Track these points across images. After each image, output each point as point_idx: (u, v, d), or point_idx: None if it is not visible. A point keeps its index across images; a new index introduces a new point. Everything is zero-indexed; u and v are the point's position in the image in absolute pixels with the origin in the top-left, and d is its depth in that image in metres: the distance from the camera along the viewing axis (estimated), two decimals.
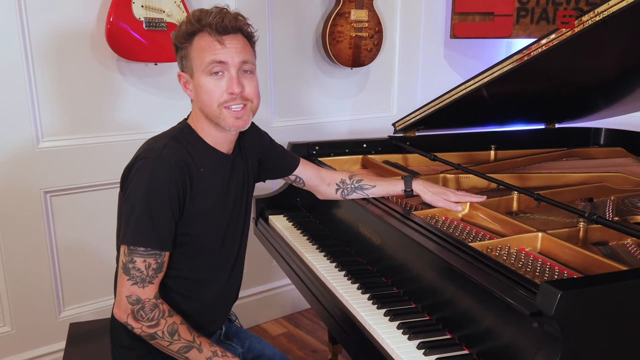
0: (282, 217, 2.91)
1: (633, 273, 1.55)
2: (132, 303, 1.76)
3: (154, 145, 1.84)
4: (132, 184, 1.79)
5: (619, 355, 1.45)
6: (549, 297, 1.33)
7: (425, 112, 2.88)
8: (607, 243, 2.02)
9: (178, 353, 1.82)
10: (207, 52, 1.81)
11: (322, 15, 3.84)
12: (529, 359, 1.42)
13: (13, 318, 3.04)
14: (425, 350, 1.68)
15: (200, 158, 1.89)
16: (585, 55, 2.40)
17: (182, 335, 1.80)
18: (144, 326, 1.78)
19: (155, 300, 1.79)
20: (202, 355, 1.83)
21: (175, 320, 1.81)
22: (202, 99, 1.85)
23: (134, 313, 1.77)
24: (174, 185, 1.79)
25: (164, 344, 1.80)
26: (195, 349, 1.82)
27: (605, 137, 3.40)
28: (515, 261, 1.84)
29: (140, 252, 1.76)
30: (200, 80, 1.83)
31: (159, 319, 1.78)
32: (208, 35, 1.81)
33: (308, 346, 3.72)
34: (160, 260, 1.79)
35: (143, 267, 1.76)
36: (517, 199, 2.40)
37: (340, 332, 2.05)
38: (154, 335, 1.79)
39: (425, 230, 1.97)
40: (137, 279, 1.76)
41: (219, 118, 1.86)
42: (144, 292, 1.77)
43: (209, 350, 1.84)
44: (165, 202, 1.78)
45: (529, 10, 4.09)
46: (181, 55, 1.88)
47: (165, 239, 1.80)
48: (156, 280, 1.80)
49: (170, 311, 1.81)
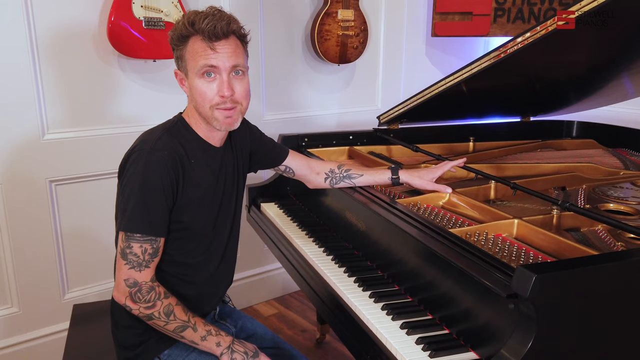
0: (274, 205, 2.90)
1: (603, 257, 1.55)
2: (130, 286, 1.76)
3: (149, 138, 1.84)
4: (129, 175, 1.78)
5: (589, 334, 1.45)
6: (525, 280, 1.33)
7: (407, 105, 2.88)
8: (579, 229, 2.02)
9: (174, 332, 1.81)
10: (200, 57, 1.79)
11: (311, 14, 3.83)
12: (505, 338, 1.41)
13: (20, 299, 3.02)
14: (408, 330, 1.67)
15: (192, 150, 1.88)
16: (558, 53, 2.39)
17: (177, 315, 1.80)
18: (141, 307, 1.77)
19: (152, 283, 1.78)
20: (197, 334, 1.82)
21: (171, 301, 1.80)
22: (196, 99, 1.84)
23: (131, 295, 1.76)
24: (167, 175, 1.78)
25: (160, 323, 1.79)
26: (190, 328, 1.81)
27: (577, 129, 3.41)
28: (493, 246, 1.84)
29: (136, 238, 1.75)
30: (194, 81, 1.82)
31: (155, 300, 1.77)
32: (201, 41, 1.78)
33: (297, 326, 3.71)
34: (156, 246, 1.79)
35: (139, 252, 1.76)
36: (494, 187, 2.39)
37: (328, 312, 2.04)
38: (150, 315, 1.78)
39: (408, 217, 1.96)
40: (134, 263, 1.75)
41: (211, 118, 1.85)
42: (140, 276, 1.76)
43: (204, 329, 1.84)
44: (159, 191, 1.77)
45: (505, 10, 4.09)
46: (177, 56, 1.87)
47: (160, 226, 1.80)
48: (152, 264, 1.79)
49: (166, 293, 1.81)
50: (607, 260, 1.49)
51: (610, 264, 1.46)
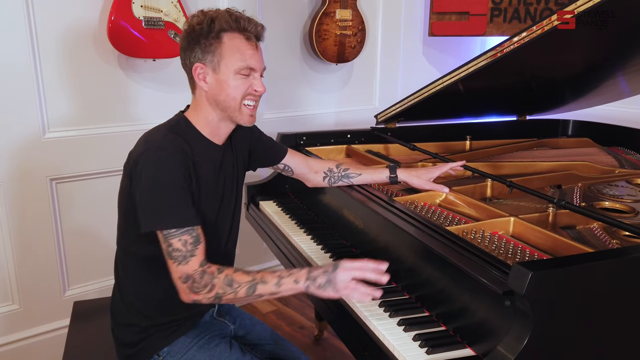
0: (272, 203, 2.90)
1: (599, 255, 1.56)
2: (184, 281, 1.72)
3: (154, 137, 1.82)
4: (143, 177, 1.74)
5: (585, 331, 1.45)
6: (521, 277, 1.33)
7: (405, 104, 2.88)
8: (574, 227, 2.02)
9: (249, 297, 1.75)
10: (244, 56, 1.82)
11: (309, 14, 3.83)
12: (502, 335, 1.41)
13: (21, 297, 3.02)
14: (405, 327, 1.67)
15: (196, 148, 1.87)
16: (554, 53, 2.39)
17: (239, 280, 1.73)
18: (204, 295, 1.73)
19: (201, 267, 1.74)
20: (269, 285, 1.74)
21: (227, 272, 1.74)
22: (227, 92, 1.83)
23: (190, 289, 1.73)
24: (180, 168, 1.76)
25: (231, 297, 1.74)
26: (259, 284, 1.74)
27: (573, 128, 3.41)
28: (489, 244, 1.84)
29: (173, 234, 1.72)
30: (228, 76, 1.82)
31: (212, 281, 1.72)
32: (245, 40, 1.82)
33: (296, 323, 3.71)
34: (195, 234, 1.75)
35: (181, 246, 1.72)
36: (490, 185, 2.40)
37: (326, 310, 2.04)
38: (218, 296, 1.73)
39: (406, 215, 1.96)
40: (180, 258, 1.72)
41: (237, 112, 1.87)
42: (189, 267, 1.72)
43: (273, 277, 1.75)
44: (178, 183, 1.75)
45: (502, 10, 4.09)
46: (203, 48, 1.82)
47: (192, 215, 1.76)
48: (197, 252, 1.74)
49: (219, 269, 1.75)
50: (603, 257, 1.50)
51: (605, 262, 1.46)
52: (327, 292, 1.71)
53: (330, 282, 1.70)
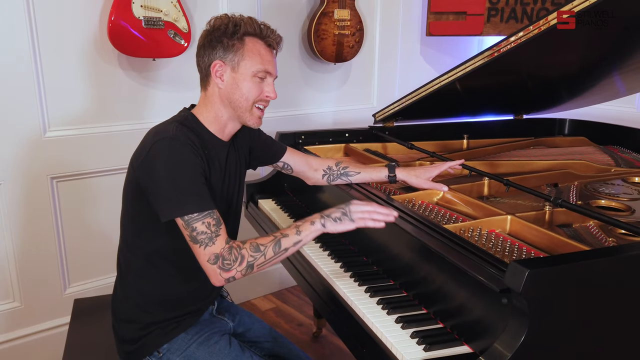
0: (271, 201, 2.90)
1: (595, 253, 1.56)
2: (214, 262, 1.73)
3: (164, 129, 1.81)
4: (158, 166, 1.74)
5: (581, 329, 1.45)
6: (517, 275, 1.32)
7: (403, 104, 2.88)
8: (571, 225, 2.02)
9: (277, 256, 1.78)
10: (264, 60, 1.89)
11: (308, 14, 3.82)
12: (498, 332, 1.41)
13: (22, 294, 3.02)
14: (403, 324, 1.67)
15: (204, 142, 1.88)
16: (551, 52, 2.39)
17: (264, 242, 1.77)
18: (237, 269, 1.74)
19: (227, 244, 1.75)
20: (291, 236, 1.79)
21: (250, 241, 1.77)
22: (242, 92, 1.88)
23: (221, 268, 1.73)
24: (195, 155, 1.77)
25: (262, 261, 1.76)
26: (281, 239, 1.78)
27: (569, 127, 3.41)
28: (486, 242, 1.84)
29: (195, 218, 1.72)
30: (245, 77, 1.88)
31: (240, 253, 1.74)
32: (266, 46, 1.91)
33: (294, 320, 3.71)
34: (216, 216, 1.76)
35: (205, 228, 1.73)
36: (487, 184, 2.40)
37: (324, 307, 2.04)
38: (249, 265, 1.75)
39: (404, 213, 1.96)
40: (206, 240, 1.72)
41: (248, 112, 1.92)
42: (216, 247, 1.73)
43: (291, 229, 1.81)
44: (194, 169, 1.76)
45: (499, 10, 4.09)
46: (226, 47, 1.87)
47: (209, 198, 1.78)
48: (221, 231, 1.76)
49: (242, 241, 1.78)
50: (599, 255, 1.50)
51: (601, 260, 1.46)
52: (344, 224, 1.83)
53: (346, 214, 1.83)
